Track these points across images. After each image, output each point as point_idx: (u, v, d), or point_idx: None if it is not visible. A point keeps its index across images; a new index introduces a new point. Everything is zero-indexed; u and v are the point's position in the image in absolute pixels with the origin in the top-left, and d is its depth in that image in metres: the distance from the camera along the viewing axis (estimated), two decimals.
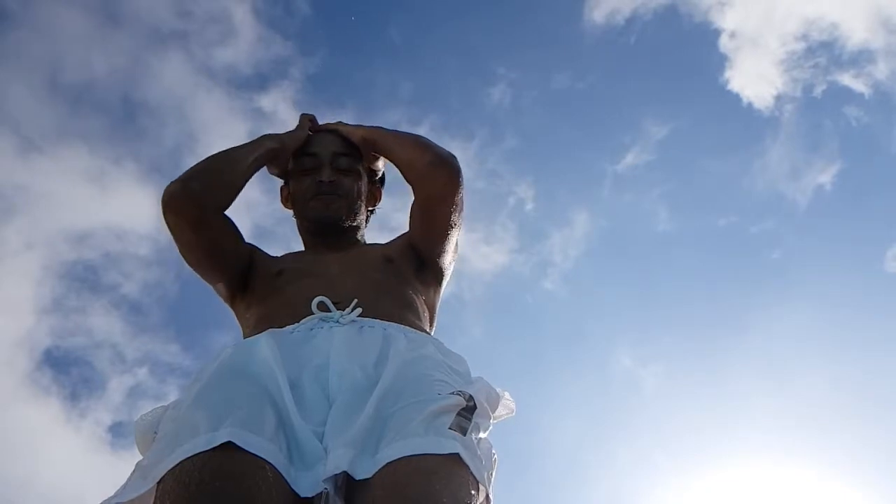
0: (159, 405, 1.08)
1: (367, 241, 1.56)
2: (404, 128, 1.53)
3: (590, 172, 6.31)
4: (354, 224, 1.52)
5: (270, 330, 1.18)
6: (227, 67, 6.13)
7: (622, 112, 6.38)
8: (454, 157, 1.38)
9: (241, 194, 1.41)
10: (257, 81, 6.08)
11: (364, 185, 1.54)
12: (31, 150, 5.65)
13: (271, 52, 6.04)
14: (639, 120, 6.42)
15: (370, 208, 1.61)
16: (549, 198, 6.32)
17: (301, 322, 1.19)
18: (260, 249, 1.48)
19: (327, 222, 1.48)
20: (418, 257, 1.43)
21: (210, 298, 1.47)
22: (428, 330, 1.33)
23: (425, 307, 1.37)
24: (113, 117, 5.85)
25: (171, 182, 1.31)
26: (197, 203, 1.30)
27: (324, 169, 1.49)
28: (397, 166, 1.47)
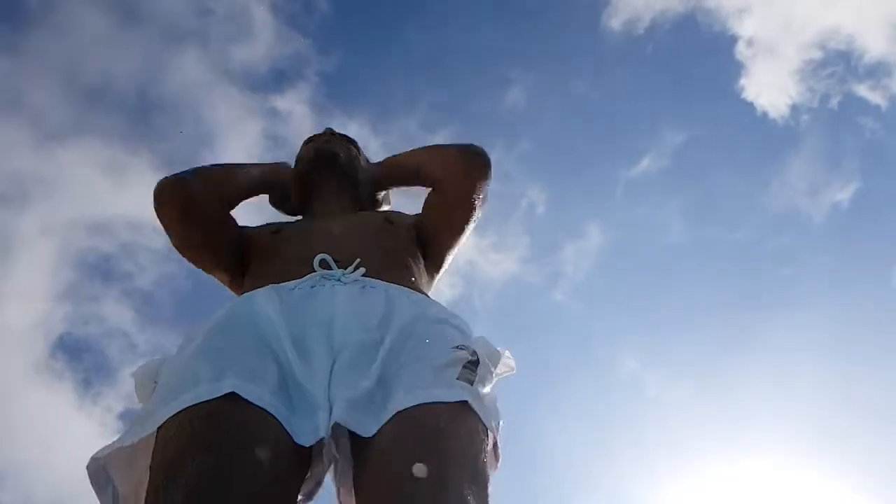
0: (157, 356, 1.07)
1: None
2: (421, 135, 1.63)
3: (603, 176, 6.30)
4: (351, 175, 1.57)
5: (271, 285, 1.17)
6: (244, 65, 6.19)
7: (637, 118, 6.37)
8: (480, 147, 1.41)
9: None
10: (274, 80, 6.13)
11: (361, 160, 1.62)
12: (49, 142, 5.74)
13: (288, 51, 6.09)
14: (654, 127, 6.41)
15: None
16: (562, 203, 6.32)
17: (303, 279, 1.17)
18: (251, 226, 1.49)
19: (324, 155, 1.55)
20: (422, 242, 1.43)
21: (221, 293, 1.48)
22: (426, 293, 1.32)
23: (424, 274, 1.38)
24: (130, 114, 5.92)
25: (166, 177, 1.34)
26: (187, 193, 1.32)
27: (323, 135, 1.61)
28: (424, 174, 1.47)
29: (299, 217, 1.58)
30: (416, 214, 1.48)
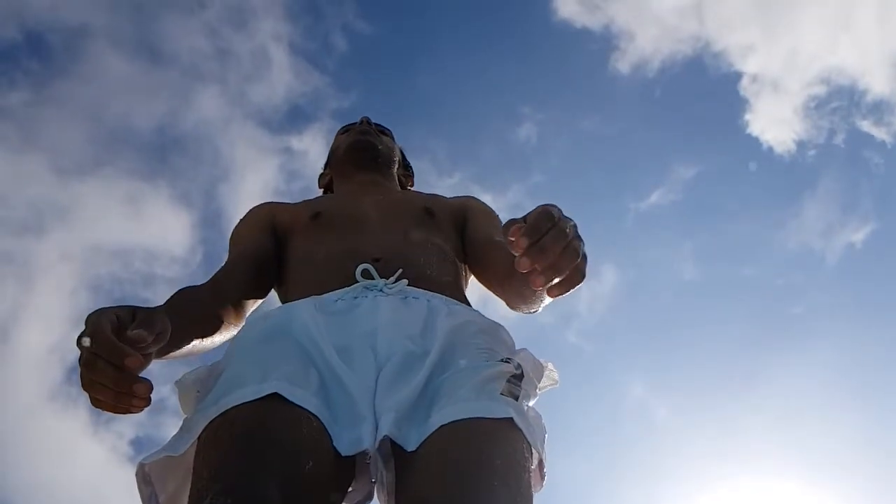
0: (199, 367, 1.05)
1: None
2: (436, 175, 1.65)
3: (615, 209, 6.32)
4: (389, 167, 1.56)
5: (312, 297, 1.14)
6: (262, 104, 6.36)
7: (647, 153, 6.42)
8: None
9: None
10: (290, 119, 6.29)
11: (398, 153, 1.63)
12: (70, 175, 5.93)
13: (306, 89, 6.25)
14: (663, 161, 6.46)
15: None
16: None
17: (345, 290, 1.15)
18: (279, 209, 1.42)
19: (362, 146, 1.54)
20: (460, 230, 1.40)
21: None
22: (466, 296, 1.30)
23: (462, 271, 1.34)
24: (150, 151, 6.11)
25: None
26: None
27: (360, 125, 1.60)
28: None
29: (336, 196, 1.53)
30: (459, 206, 1.43)
